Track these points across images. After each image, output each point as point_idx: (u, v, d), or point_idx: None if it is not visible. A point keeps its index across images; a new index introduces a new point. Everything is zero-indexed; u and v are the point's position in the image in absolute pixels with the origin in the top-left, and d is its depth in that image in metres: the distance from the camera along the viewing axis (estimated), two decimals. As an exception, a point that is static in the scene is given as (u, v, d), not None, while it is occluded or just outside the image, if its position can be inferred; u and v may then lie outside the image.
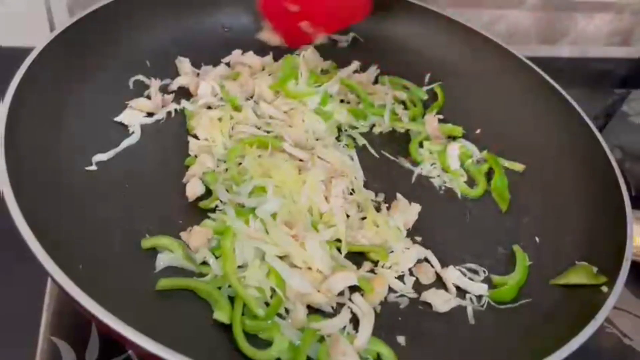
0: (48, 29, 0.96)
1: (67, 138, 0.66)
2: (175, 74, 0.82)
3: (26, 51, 0.67)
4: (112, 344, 0.65)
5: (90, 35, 0.74)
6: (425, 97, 0.90)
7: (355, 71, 0.91)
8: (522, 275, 0.68)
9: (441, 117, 0.87)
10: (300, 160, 0.73)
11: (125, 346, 0.64)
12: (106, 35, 0.76)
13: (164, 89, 0.79)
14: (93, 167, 0.66)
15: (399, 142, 0.84)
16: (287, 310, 0.59)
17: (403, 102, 0.88)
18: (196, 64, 0.83)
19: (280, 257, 0.62)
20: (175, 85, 0.80)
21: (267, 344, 0.57)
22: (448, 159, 0.81)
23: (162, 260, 0.60)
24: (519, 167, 0.81)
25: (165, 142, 0.74)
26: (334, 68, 0.90)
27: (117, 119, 0.73)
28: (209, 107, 0.78)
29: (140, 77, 0.78)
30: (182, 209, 0.66)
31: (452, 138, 0.85)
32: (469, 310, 0.64)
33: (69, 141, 0.66)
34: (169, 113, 0.77)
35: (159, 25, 0.83)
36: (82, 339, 0.65)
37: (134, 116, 0.74)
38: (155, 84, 0.78)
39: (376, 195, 0.74)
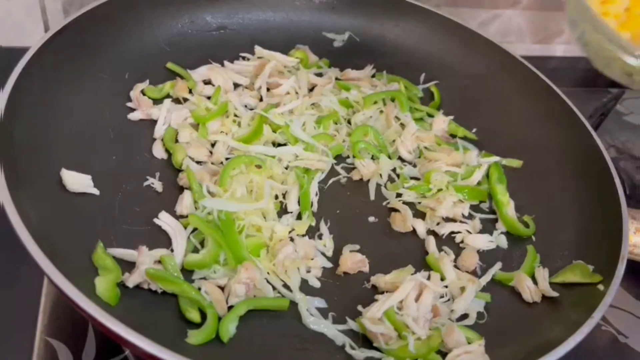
0: (42, 29, 0.96)
1: (63, 138, 0.66)
2: (165, 76, 0.81)
3: (21, 51, 0.66)
4: (109, 344, 0.65)
5: (84, 35, 0.73)
6: (421, 94, 0.90)
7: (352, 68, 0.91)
8: (528, 273, 0.68)
9: (452, 117, 0.86)
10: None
11: (123, 346, 0.64)
12: (101, 35, 0.76)
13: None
14: (88, 177, 0.64)
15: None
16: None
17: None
18: (190, 65, 0.82)
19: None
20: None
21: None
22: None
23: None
24: (516, 163, 0.82)
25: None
26: (326, 64, 0.90)
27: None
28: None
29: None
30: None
31: (452, 136, 0.86)
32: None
33: (65, 141, 0.66)
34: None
35: (154, 25, 0.82)
36: (78, 339, 0.65)
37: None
38: (140, 86, 0.77)
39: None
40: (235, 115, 0.78)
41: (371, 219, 0.73)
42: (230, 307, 0.58)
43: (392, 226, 0.72)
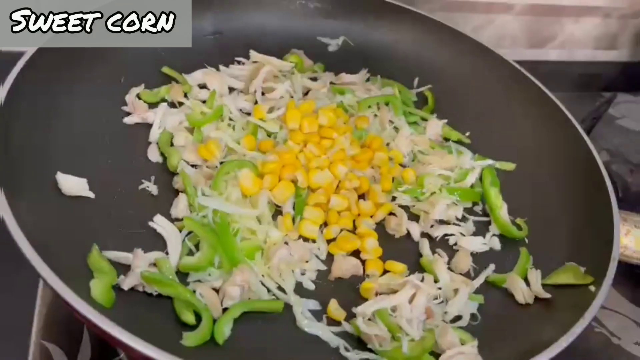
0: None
1: (59, 142, 0.66)
2: (161, 79, 0.81)
3: (17, 56, 0.67)
4: (105, 347, 0.65)
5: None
6: (415, 98, 0.91)
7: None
8: (521, 275, 0.68)
9: (445, 120, 0.87)
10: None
11: (118, 349, 0.64)
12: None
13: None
14: (84, 180, 0.65)
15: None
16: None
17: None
18: (186, 69, 0.83)
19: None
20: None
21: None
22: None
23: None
24: (510, 166, 0.82)
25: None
26: (321, 68, 0.91)
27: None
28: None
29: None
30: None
31: (445, 140, 0.86)
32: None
33: (61, 145, 0.66)
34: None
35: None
36: (74, 342, 0.65)
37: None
38: (135, 90, 0.77)
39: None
40: (230, 119, 0.79)
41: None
42: (225, 310, 0.58)
43: (387, 229, 0.73)
